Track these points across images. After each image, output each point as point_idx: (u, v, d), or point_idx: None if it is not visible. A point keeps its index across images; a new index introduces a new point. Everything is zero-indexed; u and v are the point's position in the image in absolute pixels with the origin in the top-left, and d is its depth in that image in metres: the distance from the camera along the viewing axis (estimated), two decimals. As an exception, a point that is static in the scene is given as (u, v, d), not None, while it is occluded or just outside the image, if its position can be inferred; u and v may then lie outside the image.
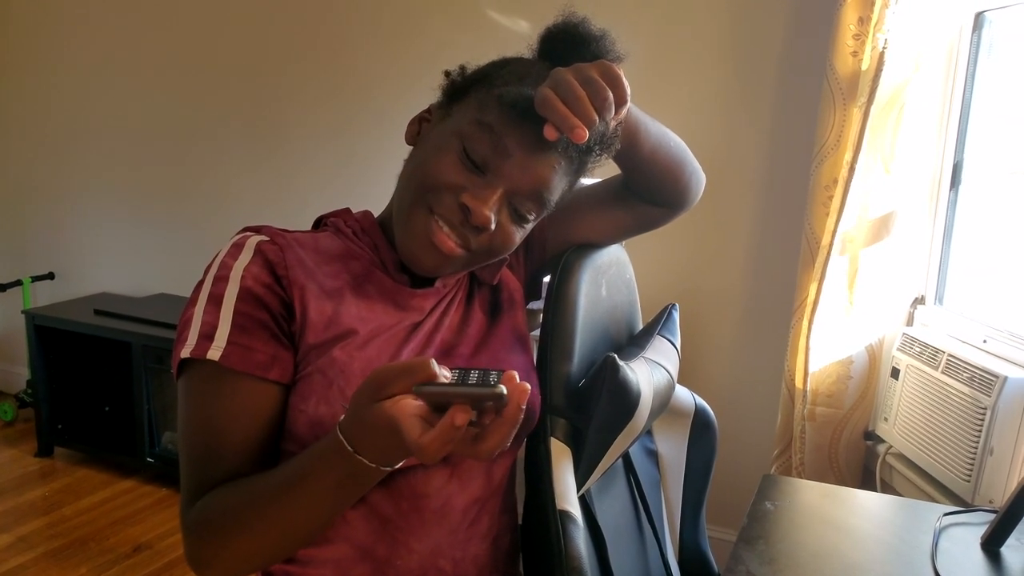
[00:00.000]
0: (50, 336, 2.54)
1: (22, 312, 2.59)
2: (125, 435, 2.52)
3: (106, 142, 2.75)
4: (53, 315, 2.52)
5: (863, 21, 1.60)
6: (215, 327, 0.72)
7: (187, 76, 2.58)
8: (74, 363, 2.62)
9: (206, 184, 2.63)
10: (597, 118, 0.69)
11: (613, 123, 0.74)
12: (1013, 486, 1.33)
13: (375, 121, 2.33)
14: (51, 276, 2.91)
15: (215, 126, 2.58)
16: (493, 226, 0.76)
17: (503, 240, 0.78)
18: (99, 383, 2.66)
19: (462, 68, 0.84)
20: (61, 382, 2.60)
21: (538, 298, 0.98)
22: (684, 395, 1.07)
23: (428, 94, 0.86)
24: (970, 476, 1.41)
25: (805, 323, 1.68)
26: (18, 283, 2.82)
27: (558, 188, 0.78)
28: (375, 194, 0.91)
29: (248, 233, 0.79)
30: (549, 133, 0.70)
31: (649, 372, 0.87)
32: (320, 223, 0.89)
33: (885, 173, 1.63)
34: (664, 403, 0.94)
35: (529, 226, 0.80)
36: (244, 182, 2.56)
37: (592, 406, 0.81)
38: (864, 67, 1.59)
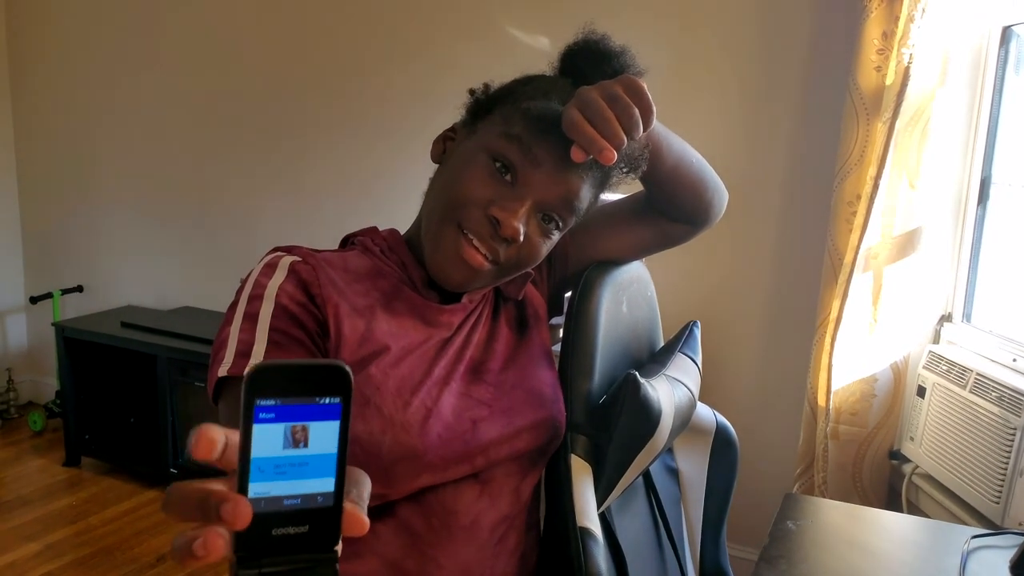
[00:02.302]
0: (78, 348, 2.58)
1: (52, 324, 2.64)
2: (150, 446, 2.55)
3: (132, 157, 2.81)
4: (81, 327, 2.57)
5: (887, 36, 1.59)
6: (251, 344, 0.72)
7: (211, 93, 2.63)
8: (101, 375, 2.66)
9: (229, 199, 2.67)
10: (625, 139, 0.70)
11: (641, 140, 0.75)
12: (1044, 508, 1.30)
13: (397, 137, 2.35)
14: (80, 289, 2.96)
15: (238, 142, 2.62)
16: (522, 237, 0.76)
17: (530, 252, 0.79)
18: (125, 394, 2.71)
19: (486, 86, 0.85)
20: (89, 393, 2.64)
21: (560, 314, 0.98)
22: (705, 413, 1.06)
23: (451, 110, 0.87)
24: (999, 498, 1.39)
25: (828, 340, 1.66)
26: (48, 296, 2.88)
27: (586, 198, 0.79)
28: (398, 209, 0.92)
29: (280, 253, 0.80)
30: (577, 156, 0.71)
31: (670, 390, 0.87)
32: (347, 242, 0.90)
33: (910, 188, 1.62)
34: (685, 421, 0.93)
35: (555, 237, 0.81)
36: (266, 197, 2.60)
37: (613, 424, 0.81)
38: (888, 82, 1.58)
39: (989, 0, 1.61)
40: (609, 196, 0.88)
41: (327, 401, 0.38)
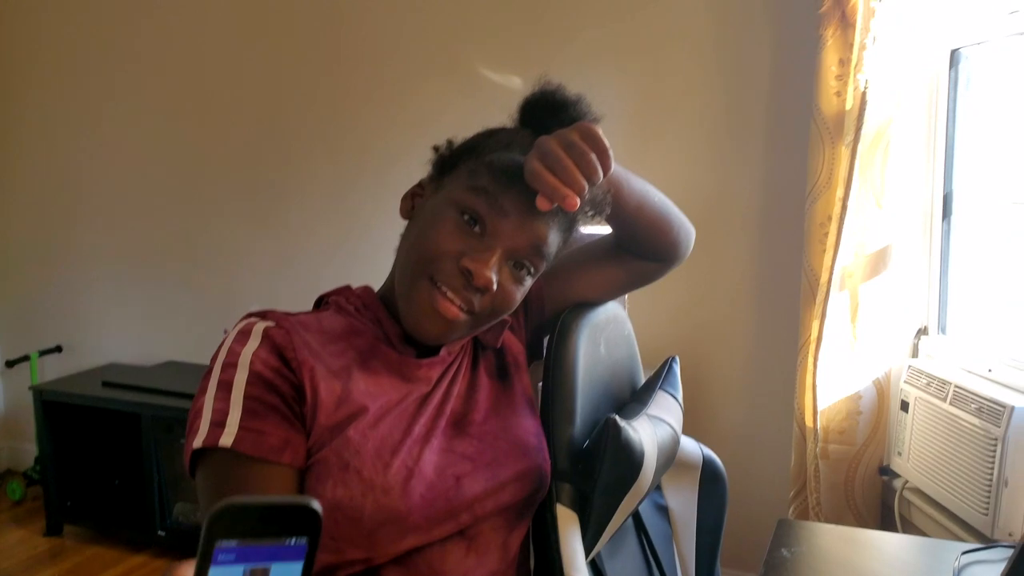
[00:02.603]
0: (58, 411, 2.53)
1: (29, 388, 2.59)
2: (136, 509, 2.49)
3: (108, 212, 2.79)
4: (61, 389, 2.52)
5: (843, 63, 1.64)
6: (226, 413, 0.72)
7: (189, 146, 2.63)
8: (83, 437, 2.61)
9: (209, 250, 2.65)
10: (585, 184, 0.72)
11: (603, 184, 0.77)
12: (1032, 519, 1.31)
13: (377, 183, 2.36)
14: (59, 349, 2.92)
15: (217, 194, 2.62)
16: (495, 286, 0.77)
17: (504, 299, 0.80)
18: (108, 456, 2.65)
19: (449, 142, 0.87)
20: (70, 457, 2.58)
21: (540, 358, 0.99)
22: (691, 447, 1.07)
23: (426, 153, 0.89)
24: (987, 509, 1.40)
25: (811, 360, 1.68)
26: (25, 358, 2.83)
27: (554, 243, 0.81)
28: (380, 260, 0.92)
29: (253, 319, 0.80)
30: (542, 204, 0.74)
31: (652, 429, 0.87)
32: (321, 302, 0.90)
33: (877, 208, 1.65)
34: (669, 459, 0.94)
35: (528, 283, 0.82)
36: (247, 249, 2.59)
37: (596, 470, 0.81)
38: (848, 107, 1.62)
39: (936, 25, 1.67)
40: (582, 228, 0.90)
41: (292, 542, 0.36)
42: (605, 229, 0.96)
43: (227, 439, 0.70)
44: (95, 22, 2.69)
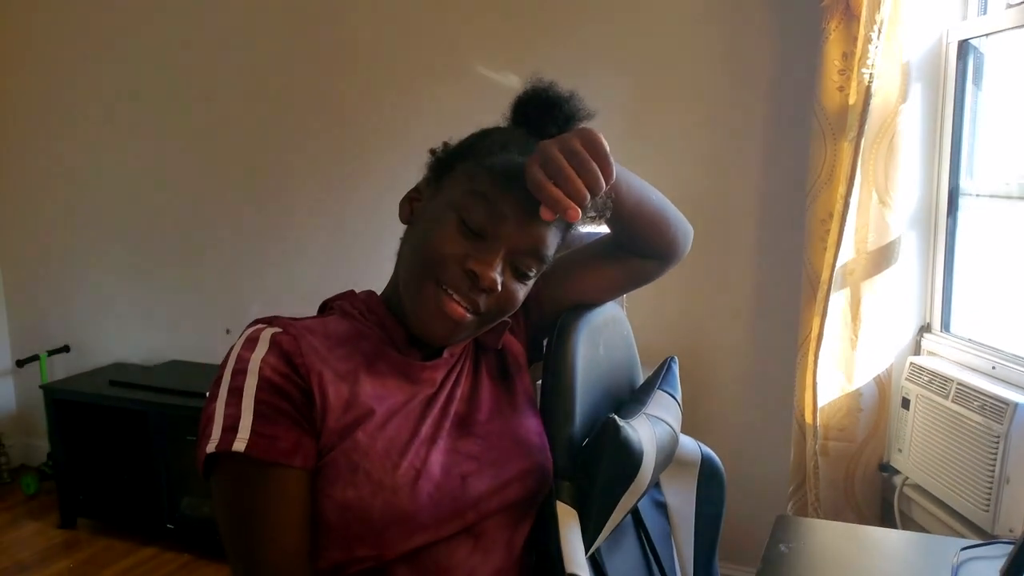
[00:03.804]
0: (68, 409, 2.57)
1: (40, 387, 2.63)
2: (144, 503, 2.53)
3: (113, 217, 2.81)
4: (70, 388, 2.56)
5: (847, 56, 1.63)
6: (238, 419, 0.73)
7: (193, 147, 2.65)
8: (92, 434, 2.64)
9: (213, 253, 2.67)
10: (588, 195, 0.73)
11: (604, 193, 0.78)
12: (1032, 515, 1.31)
13: (381, 185, 2.36)
14: (67, 349, 2.95)
15: (221, 195, 2.63)
16: (500, 287, 0.79)
17: (508, 299, 0.81)
18: (117, 452, 2.68)
19: (445, 144, 0.88)
20: (81, 453, 2.62)
21: (540, 359, 1.00)
22: (690, 445, 1.08)
23: (425, 154, 0.89)
24: (988, 505, 1.40)
25: (811, 358, 1.68)
26: (35, 358, 2.87)
27: (553, 244, 0.82)
28: (383, 262, 0.93)
29: (260, 325, 0.81)
30: (545, 215, 0.74)
31: (651, 428, 0.88)
32: (326, 307, 0.91)
33: (880, 204, 1.65)
34: (668, 457, 0.95)
35: (530, 282, 0.83)
36: (250, 251, 2.61)
37: (595, 468, 0.82)
38: (851, 101, 1.62)
39: (944, 16, 1.66)
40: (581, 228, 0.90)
41: None
42: (603, 229, 0.97)
43: (240, 444, 0.72)
44: (99, 23, 2.70)
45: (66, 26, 2.75)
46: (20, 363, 2.87)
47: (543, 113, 0.84)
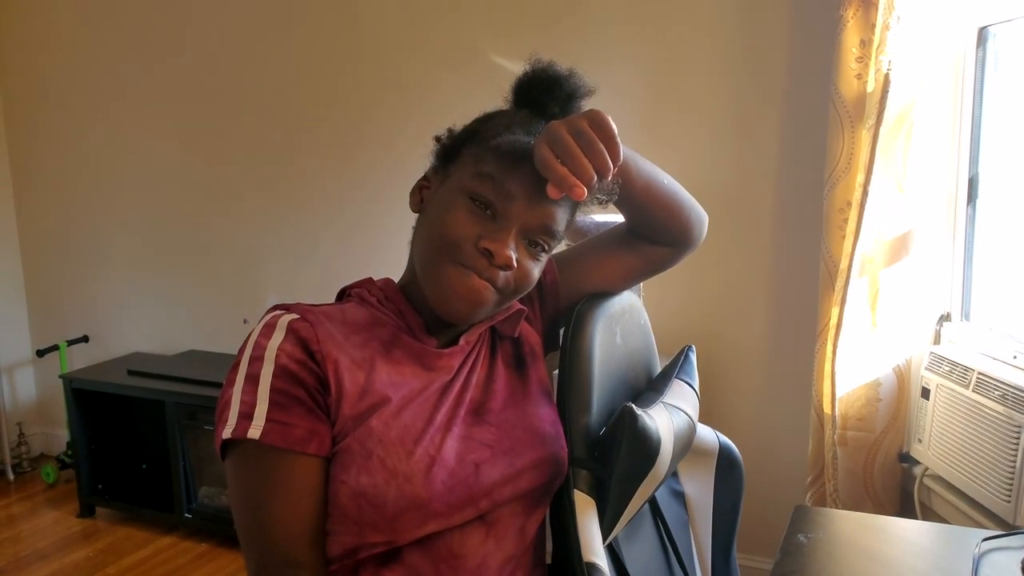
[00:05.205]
0: (87, 398, 2.60)
1: (59, 376, 2.66)
2: (163, 492, 2.56)
3: (131, 209, 2.84)
4: (89, 378, 2.59)
5: (865, 44, 1.61)
6: (253, 406, 0.74)
7: (208, 141, 2.66)
8: (111, 423, 2.68)
9: (229, 244, 2.69)
10: (594, 175, 0.73)
11: (612, 174, 0.77)
12: (1054, 506, 1.30)
13: (393, 174, 2.37)
14: (85, 339, 2.98)
15: (237, 186, 2.65)
16: (515, 264, 0.79)
17: (524, 275, 0.82)
18: (136, 442, 2.72)
19: (450, 131, 0.88)
20: (100, 442, 2.65)
21: (556, 349, 0.99)
22: (707, 434, 1.07)
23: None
24: (1010, 496, 1.39)
25: (830, 347, 1.67)
26: (55, 348, 2.90)
27: (563, 220, 0.83)
28: (397, 249, 0.93)
29: (278, 312, 0.82)
30: (552, 193, 0.75)
31: (668, 417, 0.88)
32: (344, 294, 0.92)
33: (899, 192, 1.63)
34: (686, 446, 0.94)
35: (543, 259, 0.84)
36: (266, 241, 2.63)
37: (613, 457, 0.82)
38: (870, 89, 1.60)
39: (964, 2, 1.63)
40: (602, 218, 0.89)
41: None
42: (618, 217, 0.96)
43: (255, 431, 0.73)
44: (120, 24, 2.73)
45: (91, 25, 2.78)
46: (40, 353, 2.91)
47: (544, 92, 0.85)
